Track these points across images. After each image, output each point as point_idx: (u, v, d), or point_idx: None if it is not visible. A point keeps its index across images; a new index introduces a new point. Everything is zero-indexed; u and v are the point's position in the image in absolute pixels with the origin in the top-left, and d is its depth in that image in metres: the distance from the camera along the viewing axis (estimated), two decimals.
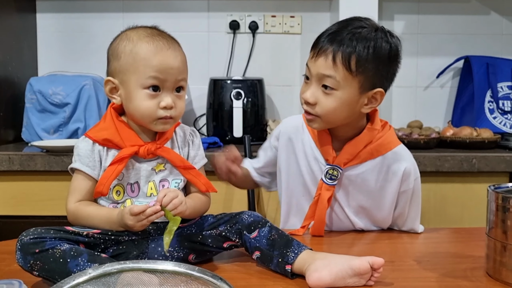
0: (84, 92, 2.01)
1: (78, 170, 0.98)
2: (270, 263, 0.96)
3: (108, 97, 1.02)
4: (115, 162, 0.96)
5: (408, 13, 2.33)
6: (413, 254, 1.10)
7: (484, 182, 1.77)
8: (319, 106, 1.11)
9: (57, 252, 0.87)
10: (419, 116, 2.31)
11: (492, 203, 0.93)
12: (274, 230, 0.99)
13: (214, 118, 2.10)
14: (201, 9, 2.31)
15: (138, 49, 0.96)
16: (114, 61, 0.99)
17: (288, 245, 0.95)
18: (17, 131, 2.10)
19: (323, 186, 1.17)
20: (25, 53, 2.24)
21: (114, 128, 0.99)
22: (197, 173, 1.03)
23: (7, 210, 1.81)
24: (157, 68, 0.95)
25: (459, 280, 0.93)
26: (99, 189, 0.96)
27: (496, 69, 2.20)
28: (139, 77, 0.95)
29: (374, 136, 1.17)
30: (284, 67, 2.32)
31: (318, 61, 1.10)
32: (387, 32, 1.13)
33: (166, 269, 0.73)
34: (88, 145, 0.98)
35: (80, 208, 0.97)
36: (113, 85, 0.99)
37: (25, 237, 0.88)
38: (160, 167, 1.01)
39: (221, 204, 1.81)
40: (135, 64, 0.96)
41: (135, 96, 0.96)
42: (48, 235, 0.88)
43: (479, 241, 1.02)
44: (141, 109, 0.97)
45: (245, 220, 0.99)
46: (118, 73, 0.98)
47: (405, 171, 1.17)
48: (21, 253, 0.87)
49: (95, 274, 0.70)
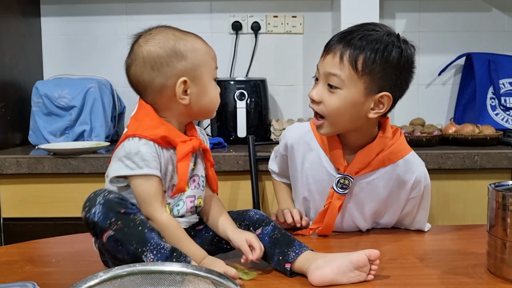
0: (90, 95, 2.04)
1: (147, 176, 0.95)
2: (271, 260, 0.99)
3: (179, 99, 0.97)
4: (182, 158, 0.96)
5: (409, 11, 2.34)
6: (415, 251, 1.12)
7: (486, 179, 1.78)
8: (323, 105, 1.10)
9: (137, 219, 0.89)
10: (421, 113, 2.32)
11: (492, 201, 0.95)
12: (277, 229, 1.02)
13: (218, 118, 2.12)
14: (203, 10, 2.33)
15: (195, 44, 0.99)
16: (178, 61, 0.97)
17: (290, 244, 0.98)
18: (24, 135, 2.12)
19: (334, 195, 1.16)
20: (31, 57, 2.27)
21: (164, 125, 0.98)
22: (213, 171, 1.07)
23: (16, 213, 1.84)
24: (215, 59, 1.02)
25: (460, 277, 0.95)
26: (181, 185, 0.96)
27: (498, 65, 2.20)
28: (210, 69, 1.00)
29: (386, 144, 1.15)
30: (287, 67, 2.34)
31: (326, 59, 1.11)
32: (401, 38, 1.11)
33: (174, 270, 0.75)
34: (150, 148, 0.95)
35: (174, 225, 0.96)
36: (184, 86, 0.97)
37: (108, 194, 0.90)
38: (192, 166, 1.03)
39: (226, 204, 1.83)
40: (204, 58, 0.99)
41: (210, 88, 1.00)
42: (128, 202, 0.91)
43: (481, 238, 1.03)
44: (215, 99, 1.02)
45: (252, 216, 1.04)
46: (189, 71, 0.97)
47: (416, 180, 1.17)
48: (103, 208, 0.88)
49: (106, 277, 0.72)
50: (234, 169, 1.80)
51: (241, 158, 1.80)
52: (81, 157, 1.79)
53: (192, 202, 1.02)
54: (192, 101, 0.99)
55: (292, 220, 1.21)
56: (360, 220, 1.23)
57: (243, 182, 1.82)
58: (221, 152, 1.84)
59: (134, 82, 1.00)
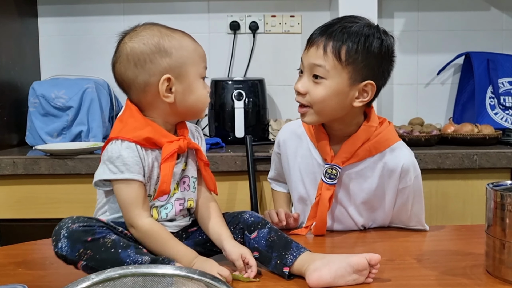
0: (87, 95, 2.03)
1: (129, 180, 0.93)
2: (268, 264, 0.97)
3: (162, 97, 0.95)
4: (167, 159, 0.94)
5: (408, 10, 2.33)
6: (413, 252, 1.10)
7: (485, 179, 1.77)
8: (309, 95, 1.12)
9: (108, 241, 0.86)
10: (420, 113, 2.31)
11: (490, 201, 0.94)
12: (273, 231, 0.99)
13: (216, 119, 2.11)
14: (201, 10, 2.32)
15: (183, 42, 0.97)
16: (162, 58, 0.95)
17: (287, 247, 0.96)
18: (21, 135, 2.11)
19: (323, 186, 1.18)
20: (28, 58, 2.26)
21: (149, 126, 0.96)
22: (209, 171, 1.05)
23: (12, 214, 1.83)
24: (204, 57, 1.00)
25: (458, 278, 0.94)
26: (163, 187, 0.93)
27: (497, 65, 2.19)
28: (197, 68, 0.98)
29: (372, 133, 1.17)
30: (285, 66, 2.33)
31: (309, 52, 1.13)
32: (380, 29, 1.14)
33: (167, 272, 0.74)
34: (132, 151, 0.93)
35: (157, 230, 0.94)
36: (168, 84, 0.95)
37: (72, 225, 0.85)
38: (183, 166, 1.01)
39: (224, 204, 1.83)
40: (190, 56, 0.97)
41: (196, 87, 0.98)
42: (95, 224, 0.87)
43: (479, 238, 1.02)
44: (202, 98, 0.99)
45: (247, 219, 1.01)
46: (174, 68, 0.95)
47: (403, 168, 1.17)
48: (68, 241, 0.85)
49: (98, 279, 0.71)
50: (231, 169, 1.79)
51: (238, 159, 1.79)
52: (77, 157, 1.79)
53: (181, 205, 1.01)
54: (177, 100, 0.97)
55: (277, 219, 1.21)
56: (354, 213, 1.22)
57: (240, 182, 1.81)
58: (219, 153, 1.83)
59: (119, 79, 0.99)
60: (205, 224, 1.02)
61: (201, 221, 1.03)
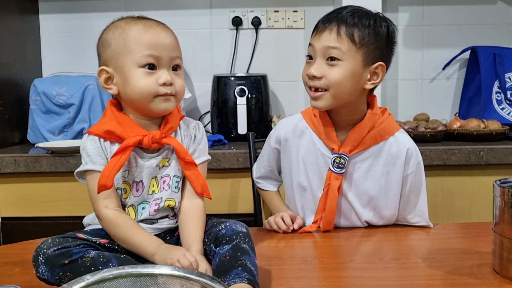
0: (88, 93, 2.01)
1: (92, 171, 0.93)
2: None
3: (104, 89, 0.97)
4: (118, 152, 0.92)
5: (413, 4, 2.30)
6: (418, 251, 1.09)
7: (492, 175, 1.75)
8: (325, 79, 1.13)
9: (87, 260, 0.85)
10: (425, 108, 2.29)
11: (497, 198, 0.92)
12: (233, 250, 0.88)
13: (219, 115, 2.09)
14: (203, 5, 2.30)
15: (127, 31, 0.94)
16: (105, 50, 0.95)
17: (228, 272, 0.85)
18: (23, 133, 2.10)
19: (332, 175, 1.19)
20: (29, 55, 2.24)
21: (115, 120, 0.96)
22: (196, 172, 0.99)
23: (13, 212, 1.82)
24: (150, 44, 0.93)
25: (465, 277, 0.91)
26: (103, 181, 0.90)
27: (503, 59, 2.16)
28: (133, 56, 0.92)
29: (376, 121, 1.20)
30: (288, 62, 2.30)
31: (322, 35, 1.14)
32: (382, 16, 1.19)
33: (164, 273, 0.72)
34: (95, 143, 0.94)
35: (122, 217, 0.93)
36: (107, 75, 0.95)
37: (47, 250, 0.84)
38: (164, 162, 0.98)
39: (227, 202, 1.81)
40: (126, 45, 0.93)
41: (132, 76, 0.93)
42: (71, 244, 0.86)
43: (486, 236, 1.00)
44: (139, 88, 0.92)
45: (219, 231, 0.91)
46: (111, 59, 0.94)
47: (408, 153, 1.20)
48: (46, 267, 0.84)
49: (93, 280, 0.69)
50: (234, 166, 1.77)
51: (241, 155, 1.77)
52: (79, 155, 1.75)
53: (156, 205, 0.97)
54: (121, 92, 0.96)
55: (285, 226, 1.20)
56: (357, 206, 1.21)
57: (243, 179, 1.79)
58: (221, 149, 1.81)
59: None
60: (180, 229, 0.98)
61: (179, 226, 0.99)
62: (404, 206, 1.23)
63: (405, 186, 1.21)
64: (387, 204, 1.22)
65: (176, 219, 1.01)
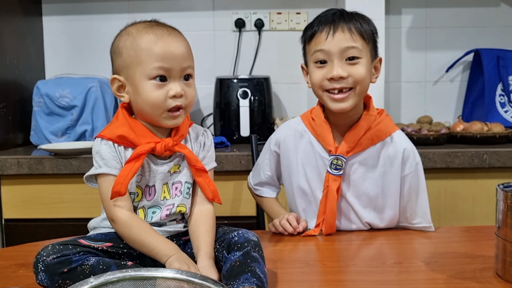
0: (91, 94, 2.02)
1: (106, 175, 0.94)
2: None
3: (116, 97, 0.99)
4: (132, 159, 0.92)
5: (416, 6, 2.29)
6: (421, 254, 1.08)
7: (495, 178, 1.75)
8: (351, 77, 1.14)
9: (86, 268, 0.85)
10: (428, 111, 2.29)
11: (500, 202, 0.91)
12: (243, 257, 0.88)
13: (221, 117, 2.09)
14: (206, 7, 2.30)
15: (139, 41, 0.93)
16: (117, 58, 0.96)
17: (237, 276, 0.85)
18: (26, 135, 2.11)
19: (330, 177, 1.19)
20: (32, 57, 2.25)
21: (128, 125, 0.96)
22: (207, 179, 1.00)
23: (17, 214, 1.82)
24: (160, 56, 0.92)
25: (468, 281, 0.91)
26: (117, 188, 0.90)
27: (507, 61, 2.15)
28: (144, 68, 0.92)
29: (372, 122, 1.20)
30: (290, 64, 2.30)
31: (335, 37, 1.14)
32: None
33: (168, 276, 0.72)
34: (109, 147, 0.95)
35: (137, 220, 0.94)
36: (119, 83, 0.97)
37: (46, 257, 0.84)
38: (175, 168, 0.99)
39: (229, 204, 1.81)
40: (137, 56, 0.93)
41: (142, 89, 0.93)
42: (71, 251, 0.85)
43: (489, 240, 1.00)
44: (149, 101, 0.93)
45: (231, 238, 0.93)
46: (123, 69, 0.95)
47: (405, 153, 1.20)
48: (46, 274, 0.84)
49: (97, 283, 0.69)
50: (237, 168, 1.77)
51: (244, 158, 1.77)
52: (82, 157, 1.78)
53: (168, 210, 0.98)
54: (132, 100, 0.97)
55: (292, 228, 1.19)
56: (358, 207, 1.21)
57: (246, 182, 1.79)
58: (224, 152, 1.81)
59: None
60: (191, 234, 0.98)
61: (189, 231, 0.99)
62: (405, 208, 1.23)
63: (404, 187, 1.21)
64: (387, 204, 1.22)
65: (184, 223, 1.02)
